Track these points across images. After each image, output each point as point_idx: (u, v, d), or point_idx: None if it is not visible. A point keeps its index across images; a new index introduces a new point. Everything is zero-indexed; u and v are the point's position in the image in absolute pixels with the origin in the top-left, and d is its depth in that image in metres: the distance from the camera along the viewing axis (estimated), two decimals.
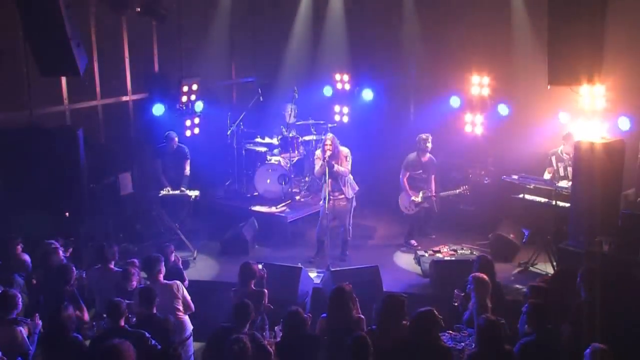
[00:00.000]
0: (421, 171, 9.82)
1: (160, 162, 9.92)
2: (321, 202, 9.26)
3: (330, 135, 9.41)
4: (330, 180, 9.11)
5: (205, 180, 10.92)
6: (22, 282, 7.00)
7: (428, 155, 9.78)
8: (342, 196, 9.28)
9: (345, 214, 9.37)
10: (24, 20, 7.58)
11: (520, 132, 10.23)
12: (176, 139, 9.93)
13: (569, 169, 9.12)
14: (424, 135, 9.71)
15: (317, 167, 9.26)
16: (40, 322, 6.16)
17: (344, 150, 9.26)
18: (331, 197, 9.19)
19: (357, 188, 9.46)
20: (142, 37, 10.92)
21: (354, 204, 9.48)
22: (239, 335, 5.34)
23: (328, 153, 9.03)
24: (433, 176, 9.95)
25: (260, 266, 7.22)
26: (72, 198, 8.89)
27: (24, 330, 6.00)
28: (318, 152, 9.33)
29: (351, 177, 9.34)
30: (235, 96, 12.83)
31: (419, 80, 12.14)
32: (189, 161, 9.94)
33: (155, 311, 6.16)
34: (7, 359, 5.75)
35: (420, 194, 9.82)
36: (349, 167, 9.22)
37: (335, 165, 9.08)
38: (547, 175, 9.35)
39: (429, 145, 9.68)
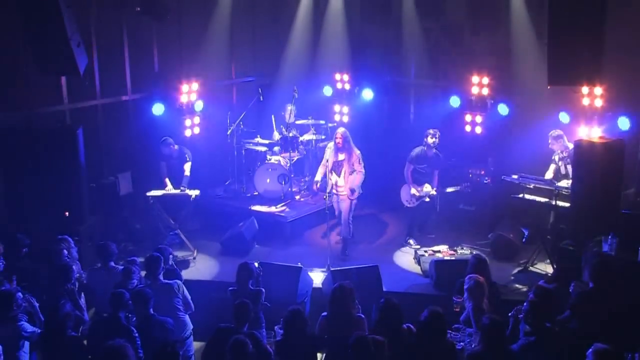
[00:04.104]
0: (425, 165, 9.84)
1: (165, 165, 9.91)
2: (325, 198, 9.33)
3: (341, 129, 9.66)
4: (333, 173, 9.46)
5: (205, 180, 10.92)
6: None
7: (434, 150, 9.79)
8: (342, 189, 9.53)
9: (345, 207, 9.55)
10: (24, 20, 7.58)
11: (520, 132, 10.23)
12: (173, 146, 9.87)
13: (569, 167, 9.16)
14: (431, 130, 9.73)
15: (325, 156, 9.77)
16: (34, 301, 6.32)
17: (356, 150, 9.54)
18: (334, 191, 9.52)
19: (359, 192, 9.57)
20: (142, 37, 10.92)
21: (355, 201, 9.62)
22: (239, 336, 5.34)
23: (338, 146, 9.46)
24: (437, 172, 9.97)
25: (256, 264, 7.23)
26: (72, 198, 8.89)
27: (26, 324, 6.06)
28: (330, 144, 9.73)
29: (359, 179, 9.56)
30: (235, 96, 12.82)
31: (419, 80, 12.14)
32: (189, 163, 9.93)
33: (152, 312, 6.17)
34: (11, 350, 5.85)
35: (424, 188, 9.82)
36: (363, 169, 9.52)
37: (356, 170, 9.46)
38: (549, 174, 9.35)
39: (433, 140, 9.68)
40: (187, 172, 9.87)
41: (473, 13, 11.17)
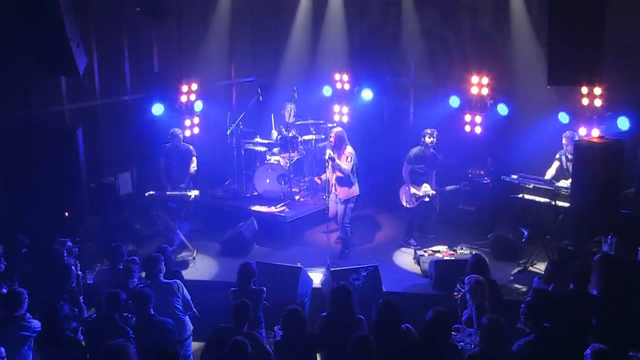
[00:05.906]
0: (423, 165, 9.84)
1: (164, 161, 9.91)
2: (325, 198, 9.32)
3: (337, 128, 9.70)
4: (334, 174, 9.42)
5: (205, 180, 10.93)
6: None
7: (432, 150, 9.79)
8: (335, 187, 9.54)
9: (340, 209, 9.52)
10: (23, 21, 7.58)
11: (520, 132, 10.24)
12: (181, 135, 9.90)
13: None
14: (428, 130, 9.73)
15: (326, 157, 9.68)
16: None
17: (348, 149, 9.40)
18: (332, 192, 9.52)
19: (356, 193, 9.53)
20: (142, 37, 10.93)
21: (350, 205, 9.57)
22: (239, 337, 5.33)
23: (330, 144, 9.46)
24: (434, 172, 9.96)
25: None
26: (72, 198, 8.89)
27: (34, 322, 6.11)
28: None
29: (353, 178, 9.44)
30: (235, 96, 12.83)
31: (418, 80, 12.14)
32: (195, 158, 9.95)
33: (152, 312, 6.17)
34: (17, 348, 5.88)
35: (422, 188, 9.82)
36: (349, 167, 9.28)
37: (336, 159, 9.26)
38: (550, 172, 9.33)
39: (430, 140, 9.68)
40: (194, 166, 9.88)
41: (473, 13, 11.16)
